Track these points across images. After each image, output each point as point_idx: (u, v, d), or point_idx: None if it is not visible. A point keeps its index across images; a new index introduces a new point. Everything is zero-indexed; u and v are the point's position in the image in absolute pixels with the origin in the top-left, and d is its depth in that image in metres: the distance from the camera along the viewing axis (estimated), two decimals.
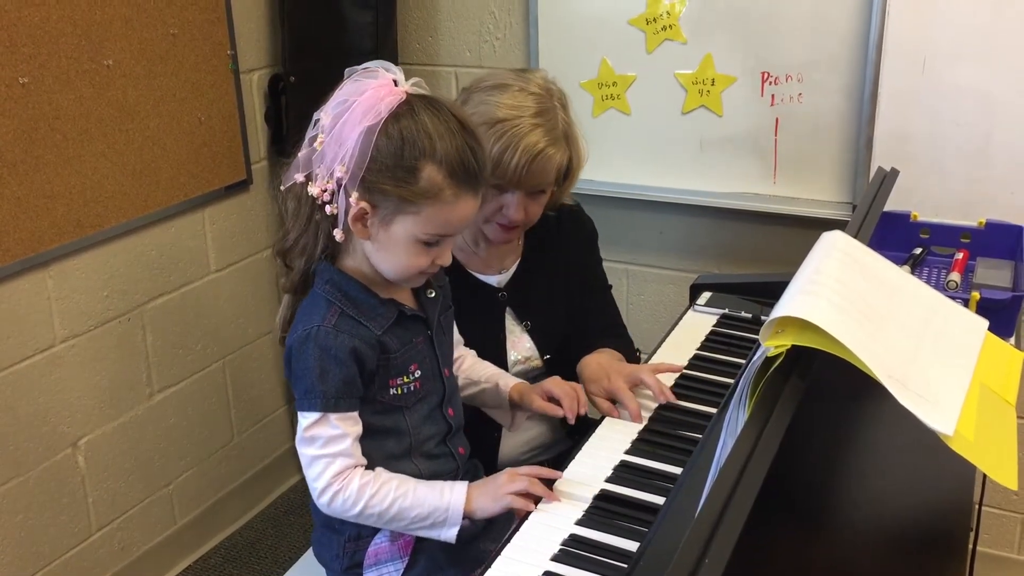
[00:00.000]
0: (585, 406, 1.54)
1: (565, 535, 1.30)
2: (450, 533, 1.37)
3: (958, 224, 1.95)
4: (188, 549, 2.64)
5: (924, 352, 1.07)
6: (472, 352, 1.67)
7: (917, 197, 2.15)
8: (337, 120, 1.29)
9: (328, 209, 1.32)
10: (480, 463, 1.61)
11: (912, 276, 1.29)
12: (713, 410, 1.57)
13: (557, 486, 1.40)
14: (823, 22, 2.22)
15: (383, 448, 1.42)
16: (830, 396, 1.20)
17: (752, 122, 2.35)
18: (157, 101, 2.30)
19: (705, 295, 1.99)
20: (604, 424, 1.58)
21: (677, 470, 1.42)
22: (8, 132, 1.98)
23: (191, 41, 2.37)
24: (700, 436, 1.47)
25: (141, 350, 2.40)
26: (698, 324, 1.90)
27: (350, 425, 1.36)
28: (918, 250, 1.92)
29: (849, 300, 1.03)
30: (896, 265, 1.25)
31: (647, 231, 2.59)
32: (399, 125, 1.27)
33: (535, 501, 1.37)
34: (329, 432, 1.34)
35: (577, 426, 1.60)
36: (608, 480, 1.42)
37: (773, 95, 2.31)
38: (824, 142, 2.31)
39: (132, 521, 2.44)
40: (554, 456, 1.80)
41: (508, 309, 1.76)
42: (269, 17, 2.62)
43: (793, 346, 0.98)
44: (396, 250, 1.33)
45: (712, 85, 2.36)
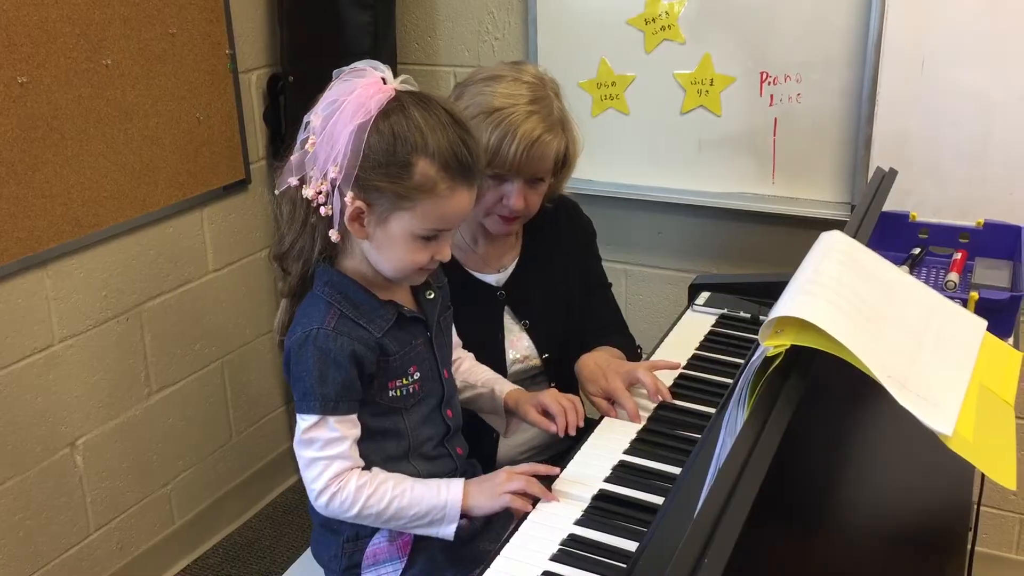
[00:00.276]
0: (582, 419, 1.53)
1: (564, 535, 1.30)
2: (448, 530, 1.37)
3: (957, 224, 1.95)
4: (186, 549, 2.64)
5: (923, 352, 1.07)
6: (470, 355, 1.67)
7: (916, 197, 2.15)
8: (327, 121, 1.29)
9: (323, 211, 1.31)
10: (478, 463, 1.61)
11: (911, 276, 1.29)
12: (711, 410, 1.57)
13: (556, 486, 1.40)
14: (822, 22, 2.22)
15: (382, 450, 1.42)
16: (829, 396, 1.20)
17: (751, 122, 2.35)
18: (156, 101, 2.30)
19: (704, 295, 1.99)
20: (602, 424, 1.58)
21: (676, 470, 1.42)
22: (6, 131, 1.98)
23: (190, 41, 2.36)
24: (699, 436, 1.47)
25: (139, 350, 2.40)
26: (697, 324, 1.90)
27: (349, 428, 1.36)
28: (917, 250, 1.92)
29: (848, 300, 1.04)
30: (895, 265, 1.25)
31: (646, 231, 2.59)
32: (390, 121, 1.27)
33: (533, 501, 1.37)
34: (327, 434, 1.34)
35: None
36: (607, 480, 1.42)
37: (772, 95, 2.31)
38: (823, 142, 2.31)
39: (130, 521, 2.44)
40: (552, 456, 1.79)
41: (506, 308, 1.76)
42: (268, 17, 2.62)
43: (792, 346, 0.98)
44: (394, 247, 1.33)
45: (711, 85, 2.36)
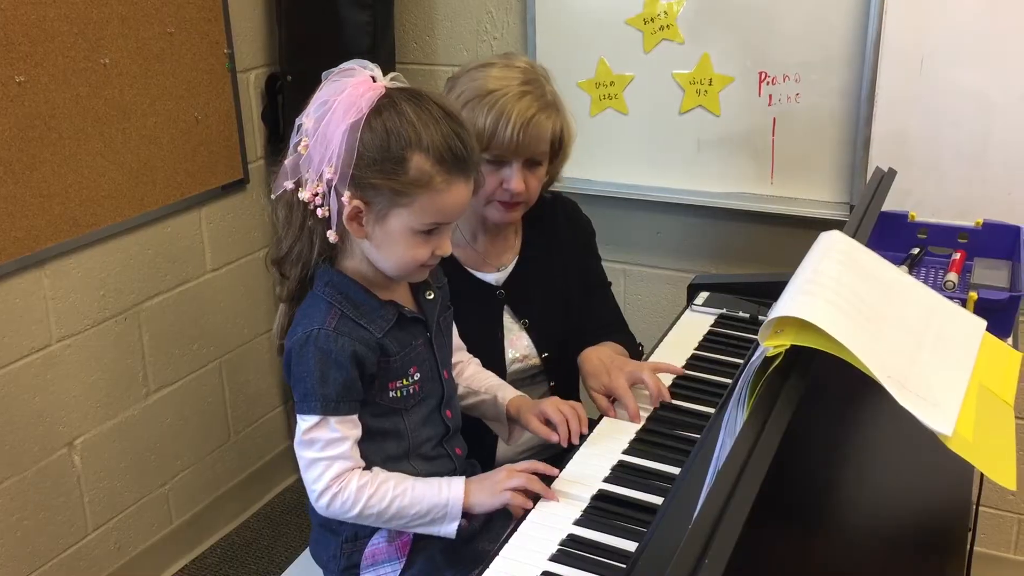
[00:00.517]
0: (585, 426, 1.53)
1: (563, 535, 1.30)
2: (450, 528, 1.37)
3: (955, 224, 1.95)
4: (184, 549, 2.64)
5: (923, 352, 1.07)
6: (476, 361, 1.66)
7: (915, 197, 2.15)
8: (320, 122, 1.29)
9: (320, 212, 1.31)
10: (478, 464, 1.61)
11: (910, 276, 1.29)
12: (710, 410, 1.57)
13: (555, 486, 1.40)
14: (821, 22, 2.22)
15: (382, 450, 1.41)
16: (829, 396, 1.20)
17: (750, 122, 2.35)
18: (154, 100, 2.30)
19: (702, 295, 1.99)
20: (602, 424, 1.58)
21: (675, 470, 1.42)
22: (4, 131, 1.97)
23: (188, 40, 2.36)
24: (698, 436, 1.47)
25: (137, 349, 2.39)
26: (696, 324, 1.89)
27: (349, 428, 1.35)
28: (916, 250, 1.93)
29: (848, 300, 1.03)
30: (894, 265, 1.25)
31: (644, 231, 2.59)
32: (382, 118, 1.27)
33: (533, 499, 1.37)
34: (328, 435, 1.34)
35: None
36: (606, 480, 1.42)
37: (771, 95, 2.31)
38: (822, 142, 2.30)
39: (128, 521, 2.44)
40: (552, 457, 1.78)
41: (506, 307, 1.76)
42: (266, 16, 2.62)
43: (792, 346, 0.98)
44: (395, 245, 1.33)
45: (710, 85, 2.36)
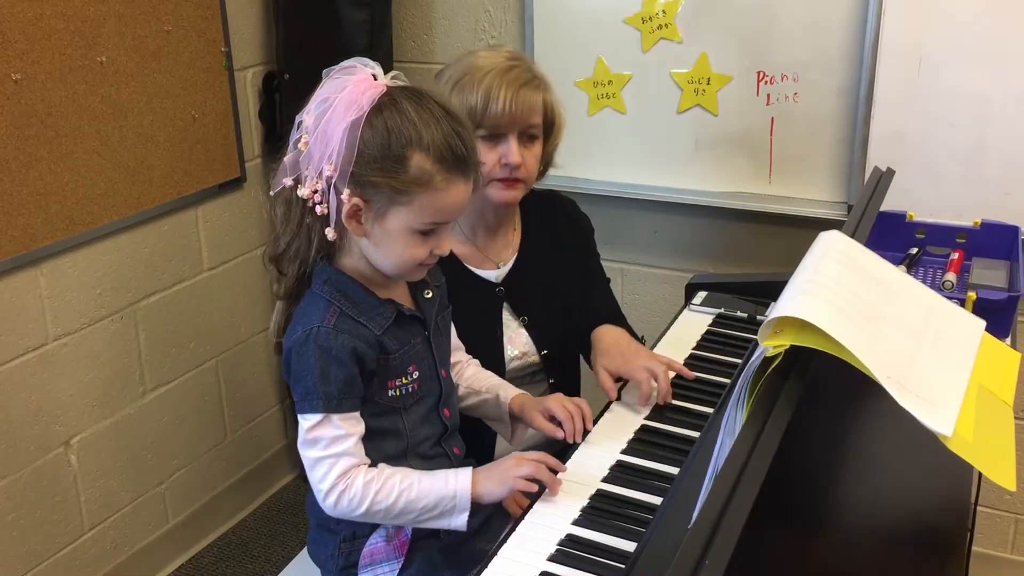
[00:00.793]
0: (590, 423, 1.53)
1: (562, 535, 1.30)
2: (460, 520, 1.36)
3: (954, 224, 1.95)
4: (181, 548, 2.63)
5: (922, 353, 1.07)
6: (475, 361, 1.66)
7: (913, 197, 2.15)
8: (320, 119, 1.29)
9: (319, 209, 1.31)
10: (475, 463, 1.60)
11: (910, 276, 1.28)
12: (709, 410, 1.57)
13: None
14: (819, 22, 2.22)
15: (380, 449, 1.41)
16: (829, 396, 1.20)
17: (748, 121, 2.35)
18: (150, 98, 2.29)
19: (700, 295, 1.99)
20: (601, 424, 1.58)
21: (674, 470, 1.42)
22: (0, 128, 1.97)
23: (185, 38, 2.36)
24: (696, 436, 1.47)
25: (134, 348, 2.39)
26: (694, 324, 1.90)
27: (352, 425, 1.35)
28: (914, 250, 1.93)
29: (847, 300, 1.03)
30: (893, 265, 1.25)
31: (642, 230, 2.59)
32: (383, 116, 1.27)
33: (532, 499, 1.36)
34: (332, 433, 1.33)
35: None
36: (605, 480, 1.42)
37: (769, 94, 2.31)
38: (820, 142, 2.30)
39: (124, 520, 2.43)
40: (552, 456, 1.79)
41: (505, 304, 1.76)
42: (264, 14, 2.61)
43: (791, 346, 0.97)
44: (393, 243, 1.32)
45: (708, 84, 2.36)
